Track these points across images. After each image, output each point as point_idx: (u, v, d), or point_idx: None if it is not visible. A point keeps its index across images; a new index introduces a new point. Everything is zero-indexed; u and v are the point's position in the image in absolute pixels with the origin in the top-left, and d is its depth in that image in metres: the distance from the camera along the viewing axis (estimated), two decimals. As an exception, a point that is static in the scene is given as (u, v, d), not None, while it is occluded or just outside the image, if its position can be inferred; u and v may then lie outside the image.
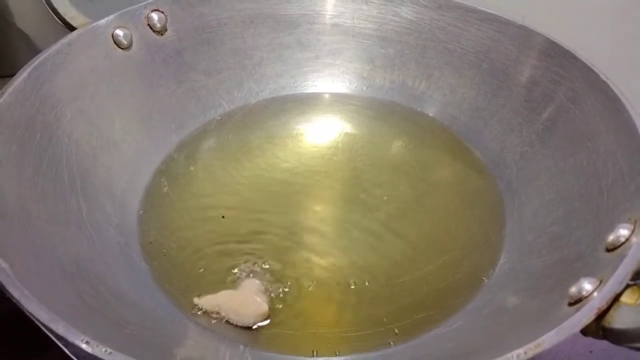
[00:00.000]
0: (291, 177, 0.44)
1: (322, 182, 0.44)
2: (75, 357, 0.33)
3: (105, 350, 0.22)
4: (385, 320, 0.34)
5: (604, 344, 0.25)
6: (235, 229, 0.39)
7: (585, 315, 0.24)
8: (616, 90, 0.35)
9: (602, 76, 0.37)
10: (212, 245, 0.38)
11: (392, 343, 0.32)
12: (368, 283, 0.36)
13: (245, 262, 0.36)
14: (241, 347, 0.32)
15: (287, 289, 0.35)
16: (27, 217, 0.30)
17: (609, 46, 0.48)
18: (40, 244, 0.29)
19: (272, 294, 0.35)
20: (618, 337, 0.24)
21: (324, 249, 0.38)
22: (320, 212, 0.42)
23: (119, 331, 0.27)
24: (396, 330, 0.33)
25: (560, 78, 0.41)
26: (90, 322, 0.25)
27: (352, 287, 0.36)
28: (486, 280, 0.36)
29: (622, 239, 0.27)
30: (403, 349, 0.32)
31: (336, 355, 0.32)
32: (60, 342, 0.31)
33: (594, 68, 0.38)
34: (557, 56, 0.42)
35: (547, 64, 0.42)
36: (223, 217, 0.40)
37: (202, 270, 0.36)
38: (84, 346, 0.22)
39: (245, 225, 0.40)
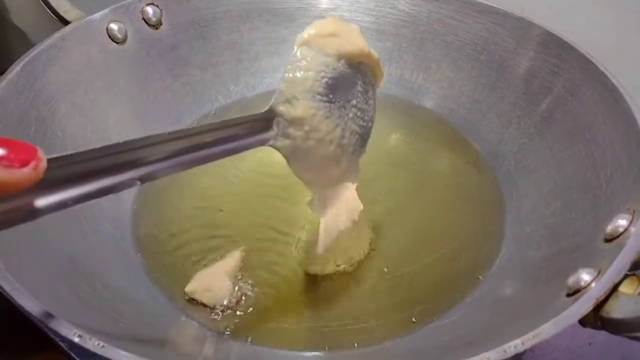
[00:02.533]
0: (288, 171, 0.44)
1: (320, 176, 0.44)
2: (72, 352, 0.33)
3: (98, 344, 0.21)
4: (384, 313, 0.34)
5: (603, 336, 0.25)
6: (231, 223, 0.39)
7: (583, 306, 0.24)
8: (614, 81, 0.35)
9: (600, 67, 0.37)
10: (207, 240, 0.38)
11: (390, 336, 0.32)
12: (367, 276, 0.36)
13: (242, 257, 0.36)
14: (235, 341, 0.31)
15: (284, 284, 0.35)
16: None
17: (607, 38, 0.48)
18: (33, 237, 0.29)
19: (270, 289, 0.34)
20: (617, 327, 0.24)
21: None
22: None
23: (113, 325, 0.27)
24: (395, 324, 0.33)
25: (558, 69, 0.41)
26: (84, 316, 0.25)
27: (350, 281, 0.35)
28: (484, 272, 0.36)
29: (621, 229, 0.27)
30: (402, 342, 0.32)
31: (336, 350, 0.32)
32: (55, 336, 0.31)
33: (592, 59, 0.38)
34: (555, 47, 0.41)
35: (545, 56, 0.42)
36: (221, 210, 0.40)
37: (197, 264, 0.36)
38: (76, 340, 0.22)
39: (242, 219, 0.39)
